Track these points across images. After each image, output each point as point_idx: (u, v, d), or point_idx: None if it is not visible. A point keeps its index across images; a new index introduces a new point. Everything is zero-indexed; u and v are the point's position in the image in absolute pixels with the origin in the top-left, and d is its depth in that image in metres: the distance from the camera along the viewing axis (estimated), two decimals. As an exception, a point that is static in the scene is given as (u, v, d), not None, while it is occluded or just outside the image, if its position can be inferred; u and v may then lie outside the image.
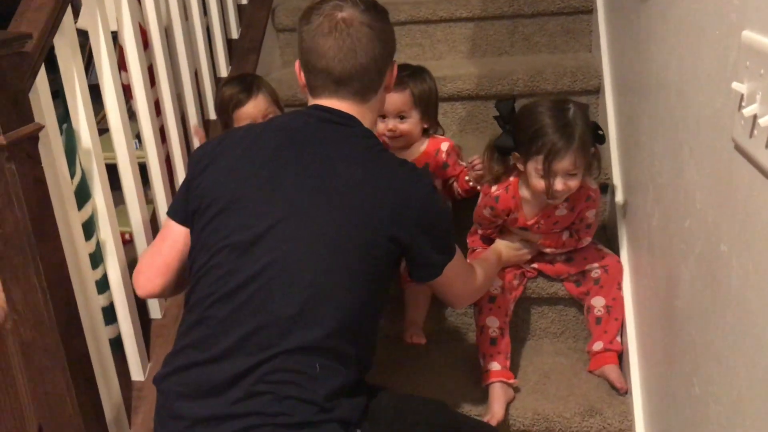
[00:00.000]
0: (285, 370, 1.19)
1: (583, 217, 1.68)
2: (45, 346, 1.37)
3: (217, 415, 1.20)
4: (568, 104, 1.54)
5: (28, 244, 1.30)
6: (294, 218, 1.23)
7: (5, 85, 1.23)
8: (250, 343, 1.21)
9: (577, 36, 2.31)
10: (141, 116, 1.76)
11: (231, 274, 1.24)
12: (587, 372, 1.72)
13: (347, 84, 1.29)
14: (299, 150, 1.28)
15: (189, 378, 1.25)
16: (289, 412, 1.18)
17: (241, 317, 1.22)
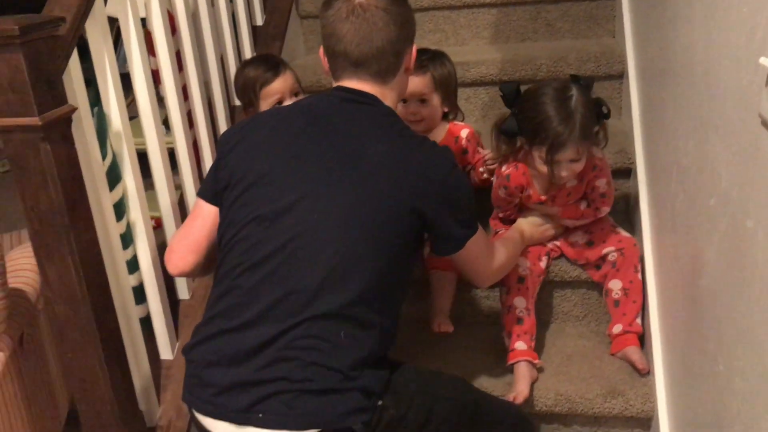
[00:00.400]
0: (311, 337, 1.23)
1: (594, 187, 1.70)
2: (78, 322, 1.41)
3: (244, 382, 1.24)
4: (570, 91, 1.55)
5: (62, 223, 1.33)
6: (320, 191, 1.28)
7: (40, 67, 1.27)
8: (277, 311, 1.24)
9: (600, 21, 2.31)
10: (169, 101, 1.79)
11: (259, 244, 1.28)
12: (609, 355, 1.73)
13: (365, 66, 1.33)
14: (324, 128, 1.33)
15: (217, 346, 1.30)
16: (314, 378, 1.21)
17: (268, 286, 1.26)
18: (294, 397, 1.22)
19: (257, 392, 1.23)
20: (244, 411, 1.24)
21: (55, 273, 1.37)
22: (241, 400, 1.24)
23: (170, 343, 1.75)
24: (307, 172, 1.30)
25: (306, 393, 1.22)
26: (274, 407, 1.22)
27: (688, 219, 1.30)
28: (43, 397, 1.84)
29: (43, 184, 1.31)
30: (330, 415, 1.22)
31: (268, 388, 1.23)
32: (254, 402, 1.23)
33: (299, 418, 1.22)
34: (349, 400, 1.23)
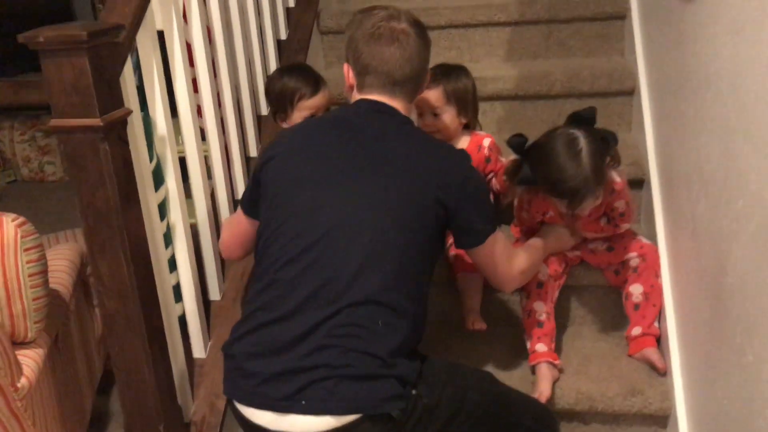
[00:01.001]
0: (350, 325, 1.31)
1: (613, 207, 1.77)
2: (127, 316, 1.47)
3: (287, 370, 1.31)
4: (578, 144, 1.58)
5: (116, 220, 1.40)
6: (352, 187, 1.39)
7: (103, 71, 1.34)
8: (317, 299, 1.33)
9: (610, 40, 2.41)
10: (205, 109, 1.86)
11: (297, 238, 1.37)
12: (627, 356, 1.80)
13: (403, 85, 1.49)
14: (353, 133, 1.46)
15: (260, 338, 1.36)
16: (355, 363, 1.29)
17: (307, 276, 1.34)
18: (335, 383, 1.28)
19: (299, 380, 1.30)
20: (286, 399, 1.30)
21: (107, 268, 1.43)
22: (283, 389, 1.31)
23: (203, 342, 1.80)
24: (340, 171, 1.42)
25: (347, 379, 1.28)
26: (316, 394, 1.29)
27: (711, 222, 1.38)
28: (72, 398, 1.89)
29: (100, 182, 1.37)
30: (370, 401, 1.29)
31: (310, 375, 1.29)
32: (297, 390, 1.30)
33: (341, 403, 1.28)
34: (388, 387, 1.30)
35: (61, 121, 1.33)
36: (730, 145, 1.25)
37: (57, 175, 4.39)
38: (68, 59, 1.29)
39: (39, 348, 1.68)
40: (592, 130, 1.64)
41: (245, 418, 1.38)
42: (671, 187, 1.75)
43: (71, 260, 2.06)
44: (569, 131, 1.63)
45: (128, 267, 1.43)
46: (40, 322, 1.66)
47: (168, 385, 1.59)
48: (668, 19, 1.77)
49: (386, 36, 1.46)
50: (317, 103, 1.88)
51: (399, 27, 1.47)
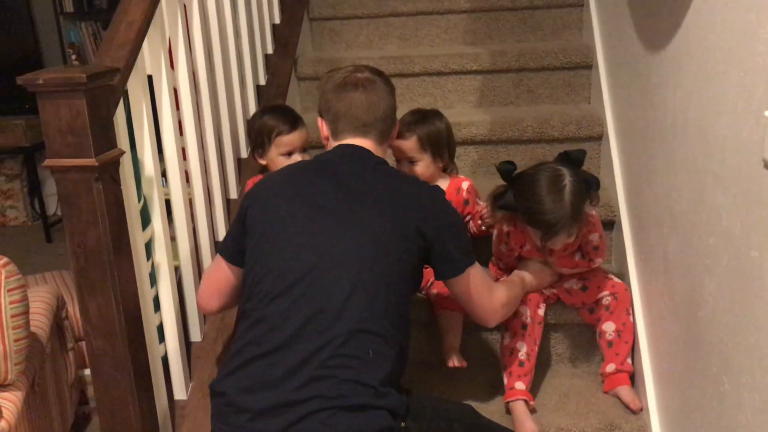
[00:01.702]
0: (342, 356, 1.34)
1: (588, 240, 1.85)
2: (114, 355, 1.47)
3: (280, 403, 1.32)
4: (563, 180, 1.67)
5: (107, 260, 1.41)
6: (335, 221, 1.46)
7: (98, 113, 1.37)
8: (308, 331, 1.36)
9: (577, 89, 2.52)
10: (190, 152, 1.89)
11: (287, 273, 1.42)
12: (603, 392, 1.85)
13: (372, 126, 1.57)
14: (332, 173, 1.53)
15: (251, 373, 1.38)
16: (348, 393, 1.31)
17: (297, 309, 1.38)
18: (329, 415, 1.30)
19: (293, 413, 1.31)
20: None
21: (96, 307, 1.44)
22: (277, 423, 1.32)
23: (185, 384, 1.79)
24: (322, 207, 1.48)
25: (341, 410, 1.31)
26: (309, 426, 1.30)
27: (683, 259, 1.45)
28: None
29: (93, 221, 1.39)
30: (364, 428, 1.31)
31: (304, 408, 1.31)
32: (290, 423, 1.31)
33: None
34: (380, 419, 1.32)
35: (56, 161, 1.35)
36: (700, 185, 1.33)
37: (19, 220, 4.34)
38: (66, 100, 1.32)
39: (18, 390, 1.66)
40: (578, 171, 1.72)
41: None
42: (642, 227, 1.83)
43: (48, 303, 2.05)
44: (557, 167, 1.71)
45: (117, 306, 1.44)
46: (20, 364, 1.64)
47: (152, 426, 1.58)
48: (634, 68, 1.88)
49: (351, 84, 1.58)
50: (293, 140, 1.95)
51: (363, 76, 1.59)
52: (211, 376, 1.84)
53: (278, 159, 2.00)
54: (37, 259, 3.63)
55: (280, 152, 1.98)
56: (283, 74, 2.52)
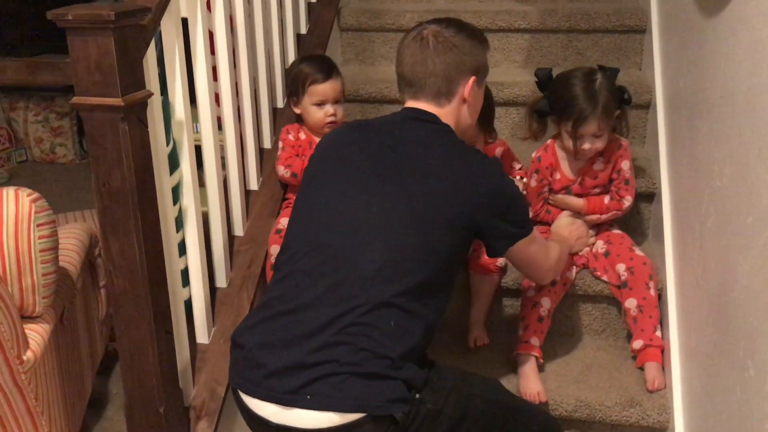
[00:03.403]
0: (363, 324, 1.30)
1: (620, 169, 1.87)
2: (135, 297, 1.48)
3: (296, 364, 1.31)
4: (596, 74, 1.80)
5: (131, 201, 1.41)
6: (380, 190, 1.40)
7: (127, 52, 1.35)
8: (333, 295, 1.33)
9: (629, 54, 2.42)
10: (223, 98, 1.88)
11: (322, 231, 1.39)
12: (627, 366, 1.81)
13: (419, 87, 1.47)
14: (389, 139, 1.47)
15: (272, 327, 1.36)
16: (363, 363, 1.29)
17: (327, 270, 1.35)
18: (342, 380, 1.28)
19: (307, 375, 1.29)
20: (292, 393, 1.30)
21: (119, 248, 1.45)
22: (290, 383, 1.30)
23: (207, 328, 1.81)
24: (369, 174, 1.43)
25: (354, 376, 1.28)
26: (321, 389, 1.28)
27: (720, 237, 1.39)
28: (74, 376, 1.90)
29: (118, 162, 1.39)
30: (375, 400, 1.28)
31: (318, 371, 1.29)
32: (303, 384, 1.29)
33: (346, 401, 1.28)
34: (394, 388, 1.29)
35: (83, 99, 1.35)
36: (743, 160, 1.26)
37: (68, 158, 4.41)
38: (94, 38, 1.31)
39: (45, 323, 1.70)
40: (612, 78, 1.82)
41: (248, 409, 1.38)
42: (681, 201, 1.76)
43: (81, 240, 2.08)
44: (592, 68, 1.83)
45: (139, 247, 1.44)
46: (48, 298, 1.67)
47: (171, 368, 1.60)
48: (688, 35, 1.78)
49: (410, 39, 1.49)
50: (326, 90, 1.94)
51: (425, 31, 1.48)
52: (234, 322, 1.86)
53: (311, 108, 1.98)
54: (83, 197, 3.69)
55: (313, 101, 1.96)
56: (326, 23, 2.47)
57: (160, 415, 1.57)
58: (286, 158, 2.01)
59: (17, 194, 1.56)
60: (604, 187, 1.91)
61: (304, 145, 2.04)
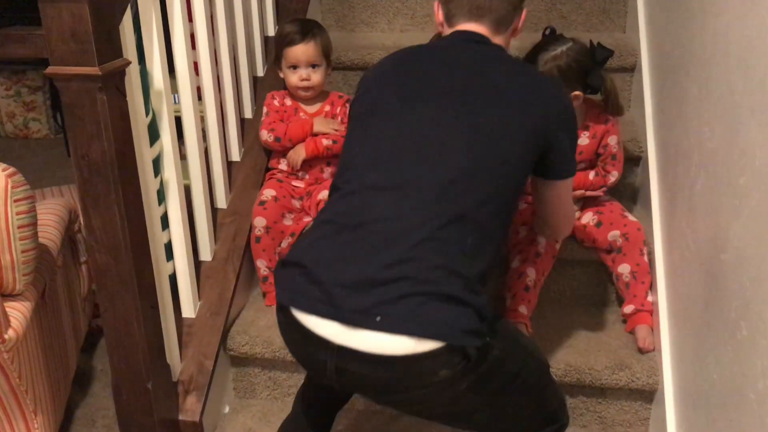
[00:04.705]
0: (438, 239, 1.20)
1: (606, 144, 1.84)
2: (119, 272, 1.45)
3: (365, 279, 1.18)
4: (567, 41, 1.77)
5: (111, 173, 1.37)
6: (451, 101, 1.33)
7: (103, 19, 1.30)
8: (404, 209, 1.23)
9: (612, 16, 2.39)
10: (202, 66, 1.83)
11: (390, 145, 1.31)
12: (616, 331, 1.82)
13: (486, 11, 1.42)
14: (446, 60, 1.40)
15: (336, 243, 1.25)
16: (441, 281, 1.18)
17: (396, 183, 1.26)
18: (419, 302, 1.16)
19: (379, 293, 1.16)
20: (360, 312, 1.16)
21: (100, 222, 1.41)
22: (359, 300, 1.17)
23: (193, 302, 1.79)
24: (439, 88, 1.35)
25: (431, 298, 1.17)
26: (395, 311, 1.15)
27: (710, 199, 1.38)
28: (57, 353, 1.87)
29: (96, 133, 1.34)
30: (452, 329, 1.16)
31: (391, 290, 1.16)
32: (374, 304, 1.16)
33: (423, 326, 1.15)
34: (469, 319, 1.18)
35: (58, 69, 1.30)
36: (735, 121, 1.25)
37: (42, 133, 4.32)
38: (68, 5, 1.26)
39: (26, 301, 1.66)
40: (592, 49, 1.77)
41: (303, 329, 1.22)
42: (669, 164, 1.75)
43: (59, 215, 2.03)
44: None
45: (122, 221, 1.41)
46: (28, 275, 1.64)
47: (157, 343, 1.58)
48: (674, -5, 1.76)
49: None
50: (298, 53, 1.89)
51: None
52: (221, 295, 1.84)
53: (286, 71, 1.95)
54: (57, 172, 3.62)
55: (287, 64, 1.93)
56: (305, -11, 2.42)
57: (148, 391, 1.55)
58: (270, 123, 1.97)
59: (-8, 169, 1.51)
60: (590, 162, 1.88)
61: (290, 110, 2.00)
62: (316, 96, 2.00)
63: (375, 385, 1.23)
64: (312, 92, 1.97)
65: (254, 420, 1.83)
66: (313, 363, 1.27)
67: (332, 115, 2.02)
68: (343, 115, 2.01)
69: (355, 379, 1.22)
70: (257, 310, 1.92)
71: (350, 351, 1.17)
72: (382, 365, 1.17)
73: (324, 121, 1.97)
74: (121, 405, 1.57)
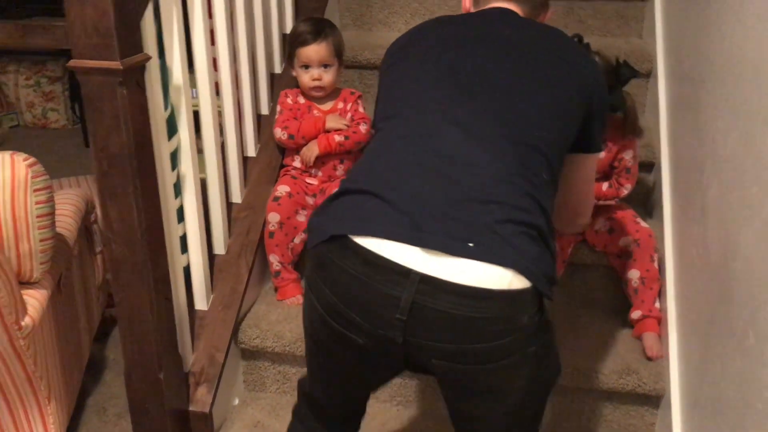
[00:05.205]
0: (523, 165, 1.11)
1: (621, 158, 1.83)
2: (134, 263, 1.47)
3: (453, 201, 1.06)
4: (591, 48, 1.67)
5: (129, 166, 1.40)
6: (500, 57, 1.23)
7: (125, 14, 1.33)
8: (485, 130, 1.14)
9: (630, 22, 2.39)
10: (221, 62, 1.85)
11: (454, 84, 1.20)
12: (623, 335, 1.82)
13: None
14: (480, 32, 1.29)
15: (408, 161, 1.12)
16: (530, 210, 1.08)
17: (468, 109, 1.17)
18: (514, 233, 1.04)
19: (469, 216, 1.04)
20: (449, 236, 1.03)
21: (117, 213, 1.44)
22: (446, 224, 1.04)
23: (206, 295, 1.81)
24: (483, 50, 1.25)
25: (524, 231, 1.05)
26: (490, 239, 1.03)
27: (722, 207, 1.38)
28: (71, 341, 1.90)
29: (116, 127, 1.37)
30: (540, 271, 1.05)
31: (484, 214, 1.04)
32: (465, 227, 1.03)
33: (519, 259, 1.03)
34: (550, 266, 1.09)
35: (80, 62, 1.32)
36: (749, 130, 1.25)
37: (60, 123, 4.37)
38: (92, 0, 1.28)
39: (43, 289, 1.69)
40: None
41: (373, 258, 1.04)
42: (682, 171, 1.75)
43: (76, 205, 2.06)
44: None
45: (139, 213, 1.43)
46: (45, 264, 1.66)
47: (170, 334, 1.60)
48: (693, 2, 1.76)
49: None
50: (310, 52, 1.91)
51: None
52: (233, 288, 1.86)
53: (299, 71, 1.96)
54: (75, 163, 3.66)
55: (299, 63, 1.94)
56: (324, -13, 2.43)
57: (160, 381, 1.57)
58: (284, 120, 1.99)
59: (13, 159, 1.54)
60: (603, 174, 1.87)
61: (303, 108, 2.02)
62: (328, 94, 2.02)
63: (451, 329, 1.04)
64: (323, 92, 1.99)
65: (263, 413, 1.85)
66: (376, 305, 1.06)
67: (344, 112, 2.03)
68: (354, 112, 2.02)
69: (428, 320, 1.03)
70: (268, 305, 1.94)
71: (435, 281, 1.01)
72: (473, 301, 1.01)
73: (336, 117, 1.98)
74: (132, 394, 1.60)
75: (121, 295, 1.51)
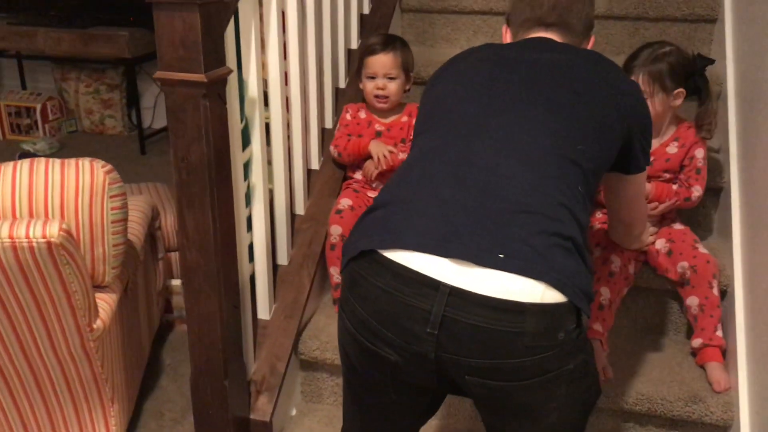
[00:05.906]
0: (558, 177, 1.11)
1: (693, 156, 1.83)
2: (207, 269, 1.50)
3: (483, 212, 1.05)
4: (665, 46, 1.81)
5: (208, 176, 1.42)
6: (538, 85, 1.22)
7: (211, 29, 1.36)
8: (521, 143, 1.14)
9: (697, 44, 2.36)
10: (292, 77, 1.88)
11: (487, 104, 1.21)
12: (688, 362, 1.79)
13: (557, 26, 1.34)
14: (533, 52, 1.29)
15: (441, 174, 1.12)
16: (564, 221, 1.07)
17: (505, 123, 1.17)
18: (547, 245, 1.02)
19: (501, 227, 1.03)
20: (480, 248, 1.01)
21: (193, 222, 1.46)
22: (477, 236, 1.03)
23: (269, 304, 1.83)
24: (521, 68, 1.26)
25: (558, 244, 1.04)
26: (521, 250, 1.01)
27: (803, 235, 1.36)
28: (133, 344, 1.94)
29: (197, 137, 1.40)
30: (575, 285, 1.03)
31: (516, 224, 1.03)
32: (497, 239, 1.02)
33: (552, 272, 1.01)
34: (586, 280, 1.07)
35: (166, 74, 1.35)
36: (837, 158, 1.23)
37: (116, 130, 4.47)
38: (180, 13, 1.32)
39: (113, 293, 1.73)
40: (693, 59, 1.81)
41: (402, 272, 1.03)
42: (753, 196, 1.72)
43: (144, 212, 2.11)
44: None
45: (214, 222, 1.46)
46: (116, 268, 1.71)
47: (236, 341, 1.63)
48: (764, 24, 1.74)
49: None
50: (376, 62, 1.95)
51: None
52: (295, 299, 1.87)
53: (365, 81, 1.99)
54: (130, 169, 3.74)
55: (366, 73, 1.97)
56: (388, 4, 2.46)
57: (225, 388, 1.59)
58: (338, 137, 2.04)
59: (92, 165, 1.59)
60: (674, 173, 1.87)
61: (363, 123, 2.04)
62: (392, 108, 2.04)
63: (482, 343, 1.01)
64: (387, 103, 2.00)
65: (320, 425, 1.86)
66: (407, 319, 1.04)
67: (409, 126, 2.04)
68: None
69: (460, 334, 1.02)
70: (328, 317, 1.96)
71: (466, 294, 0.99)
72: (504, 314, 0.99)
73: (379, 144, 1.99)
74: (198, 400, 1.62)
75: (191, 302, 1.54)
